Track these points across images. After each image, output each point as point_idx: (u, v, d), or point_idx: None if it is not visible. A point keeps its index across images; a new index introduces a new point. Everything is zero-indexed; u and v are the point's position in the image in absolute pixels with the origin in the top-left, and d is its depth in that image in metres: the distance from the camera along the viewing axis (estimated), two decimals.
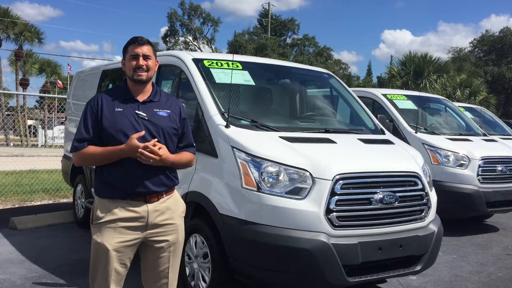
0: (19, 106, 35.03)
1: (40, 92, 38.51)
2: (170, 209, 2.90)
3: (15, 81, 37.03)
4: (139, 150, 2.64)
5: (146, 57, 2.85)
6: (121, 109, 2.80)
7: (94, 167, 2.98)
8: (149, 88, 2.92)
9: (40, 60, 40.12)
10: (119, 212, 2.76)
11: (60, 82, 38.79)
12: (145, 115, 2.82)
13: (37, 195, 9.17)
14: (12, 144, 29.58)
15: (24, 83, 37.57)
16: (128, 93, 2.88)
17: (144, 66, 2.83)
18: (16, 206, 8.41)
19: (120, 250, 2.75)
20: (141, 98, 2.87)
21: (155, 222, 2.83)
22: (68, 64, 36.02)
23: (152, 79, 2.96)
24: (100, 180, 2.85)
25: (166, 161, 2.76)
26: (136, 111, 2.81)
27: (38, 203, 8.74)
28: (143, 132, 2.73)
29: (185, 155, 2.97)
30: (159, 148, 2.70)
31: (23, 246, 5.84)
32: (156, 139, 2.75)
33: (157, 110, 2.87)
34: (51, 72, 40.73)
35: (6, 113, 34.05)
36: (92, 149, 2.77)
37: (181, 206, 3.02)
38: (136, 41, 2.86)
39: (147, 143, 2.67)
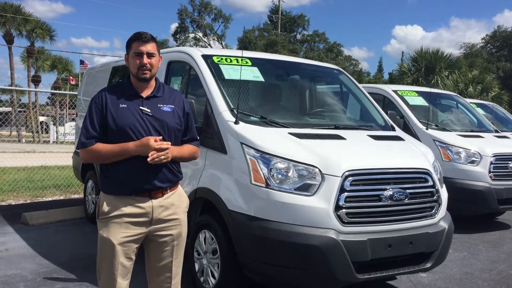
0: (31, 103, 35.38)
1: (51, 89, 38.84)
2: (174, 204, 2.93)
3: (27, 77, 37.39)
4: (153, 151, 2.67)
5: (150, 55, 2.84)
6: (126, 105, 2.80)
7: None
8: (152, 83, 2.92)
9: (51, 57, 40.47)
10: (125, 208, 2.79)
11: (72, 78, 39.07)
12: (149, 111, 2.82)
13: (48, 191, 9.26)
14: (24, 141, 29.90)
15: (36, 80, 37.95)
16: (131, 89, 2.88)
17: (148, 65, 2.83)
18: (28, 201, 8.50)
19: (125, 245, 2.79)
20: (144, 93, 2.88)
21: (160, 217, 2.85)
22: (82, 61, 36.09)
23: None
24: (105, 176, 2.88)
25: (173, 157, 2.80)
26: (140, 107, 2.82)
27: (50, 198, 8.82)
28: (160, 138, 2.75)
29: (187, 148, 2.99)
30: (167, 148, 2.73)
31: (34, 241, 5.89)
32: (161, 137, 2.76)
33: (161, 105, 2.88)
34: (63, 68, 41.09)
35: (18, 109, 34.39)
36: (100, 146, 2.78)
37: (185, 201, 3.05)
38: (140, 38, 2.84)
39: (156, 142, 2.68)
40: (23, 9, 36.08)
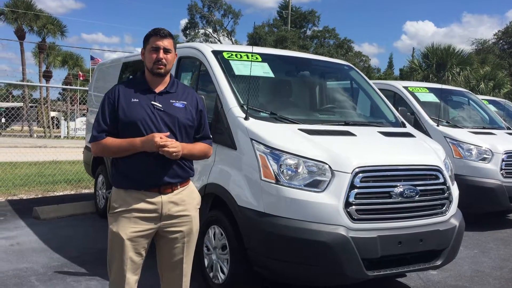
0: (43, 98, 35.64)
1: (62, 84, 39.10)
2: (185, 200, 2.92)
3: (38, 73, 37.66)
4: (159, 146, 2.67)
5: (166, 51, 2.85)
6: (137, 100, 2.81)
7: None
8: (166, 79, 2.92)
9: (62, 53, 40.71)
10: (134, 203, 2.80)
11: (82, 74, 39.30)
12: (160, 106, 2.82)
13: (59, 185, 9.34)
14: (35, 136, 30.15)
15: (47, 75, 38.23)
16: (145, 84, 2.88)
17: (164, 60, 2.83)
18: (39, 196, 8.57)
19: (134, 240, 2.79)
20: (158, 89, 2.88)
21: (169, 213, 2.85)
22: (93, 57, 36.27)
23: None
24: (116, 170, 2.90)
25: (183, 154, 2.80)
26: (152, 102, 2.82)
27: (61, 193, 8.90)
28: (167, 134, 2.76)
29: (199, 145, 2.98)
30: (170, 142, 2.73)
31: (45, 236, 5.95)
32: (168, 133, 2.76)
33: (173, 101, 2.88)
34: (74, 64, 41.31)
35: (30, 105, 34.67)
36: (110, 140, 2.80)
37: (197, 198, 3.04)
38: (158, 33, 2.85)
39: (161, 139, 2.69)
40: (35, 5, 36.36)
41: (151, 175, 2.79)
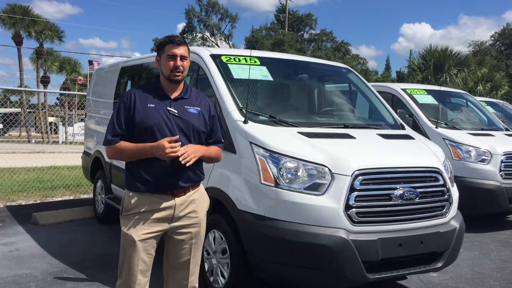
0: (40, 104, 35.60)
1: (60, 90, 39.05)
2: (196, 203, 3.00)
3: (36, 78, 37.65)
4: (167, 151, 2.71)
5: (183, 58, 2.92)
6: (153, 105, 2.87)
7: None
8: (181, 85, 2.99)
9: (60, 58, 40.70)
10: (148, 205, 2.85)
11: (81, 79, 39.31)
12: (176, 111, 2.88)
13: (58, 191, 9.31)
14: (33, 141, 30.10)
15: (45, 81, 38.21)
16: (160, 90, 2.94)
17: (181, 67, 2.90)
18: (38, 201, 8.55)
19: (145, 241, 2.86)
20: (173, 95, 2.94)
21: (181, 215, 2.92)
22: (91, 62, 36.28)
23: None
24: (130, 173, 2.93)
25: (201, 157, 2.90)
26: (168, 108, 2.88)
27: (59, 198, 8.87)
28: (177, 137, 2.80)
29: (214, 149, 3.08)
30: (183, 151, 2.77)
31: (44, 241, 5.93)
32: (177, 136, 2.80)
33: (188, 107, 2.94)
34: (71, 69, 41.31)
35: (28, 110, 34.64)
36: (124, 144, 2.85)
37: (206, 201, 3.12)
38: (174, 41, 2.91)
39: (175, 148, 2.73)
40: (32, 10, 36.39)
41: (165, 179, 2.85)
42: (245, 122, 4.01)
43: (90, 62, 36.67)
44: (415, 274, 4.41)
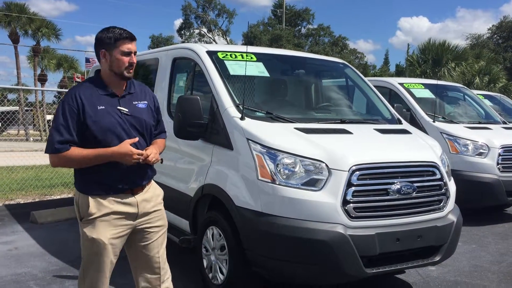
0: (38, 102, 35.52)
1: (58, 88, 38.92)
2: (153, 196, 2.99)
3: (33, 76, 37.53)
4: (135, 157, 2.70)
5: (135, 54, 2.85)
6: (104, 107, 2.72)
7: None
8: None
9: (57, 56, 40.57)
10: (111, 206, 2.78)
11: (78, 75, 39.20)
12: (127, 110, 2.80)
13: (56, 189, 9.31)
14: (31, 139, 30.03)
15: (42, 79, 38.09)
16: (106, 88, 2.80)
17: (134, 64, 2.83)
18: (37, 200, 8.53)
19: (114, 243, 2.80)
20: (118, 91, 2.84)
21: (144, 211, 2.90)
22: (88, 59, 36.18)
23: None
24: (84, 177, 2.79)
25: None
26: (118, 107, 2.79)
27: (58, 197, 8.85)
28: (136, 139, 2.77)
29: (161, 142, 3.06)
30: (148, 153, 2.77)
31: (43, 240, 5.93)
32: (137, 139, 2.78)
33: (136, 102, 2.88)
34: (68, 67, 41.17)
35: (25, 108, 34.56)
36: (76, 151, 2.67)
37: (161, 193, 3.10)
38: (129, 37, 2.80)
39: (143, 154, 2.72)
40: (28, 8, 36.23)
41: (125, 180, 2.81)
42: (242, 118, 4.00)
43: (87, 60, 36.51)
44: (413, 268, 4.43)
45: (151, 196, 2.96)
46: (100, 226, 2.76)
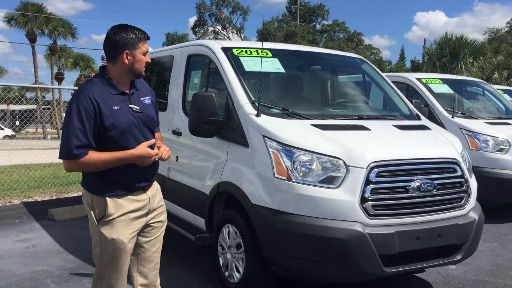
0: (55, 100, 35.94)
1: (74, 86, 39.32)
2: (157, 191, 3.04)
3: (50, 75, 37.97)
4: (152, 159, 2.76)
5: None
6: (118, 107, 2.68)
7: None
8: None
9: (74, 55, 41.00)
10: (129, 205, 2.80)
11: (94, 73, 39.56)
12: (138, 108, 2.80)
13: (73, 186, 9.37)
14: (49, 137, 30.37)
15: (59, 77, 38.53)
16: (116, 87, 2.75)
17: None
18: (54, 197, 8.61)
19: (131, 241, 2.84)
20: (126, 89, 2.81)
21: (154, 206, 2.95)
22: (103, 58, 36.51)
23: None
24: (101, 179, 2.73)
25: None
26: (130, 105, 2.77)
27: (75, 194, 8.91)
28: (153, 140, 2.81)
29: (160, 137, 3.10)
30: (162, 151, 2.86)
31: (60, 237, 5.96)
32: (154, 140, 2.82)
33: (143, 98, 2.89)
34: (85, 65, 41.59)
35: (43, 107, 34.98)
36: (95, 156, 2.61)
37: (159, 187, 3.12)
38: (147, 37, 2.83)
39: (157, 154, 2.79)
40: (45, 8, 36.65)
41: (142, 178, 2.85)
42: (257, 115, 3.95)
43: (103, 58, 36.87)
44: (434, 267, 4.34)
45: (156, 191, 3.02)
46: (118, 226, 2.76)
